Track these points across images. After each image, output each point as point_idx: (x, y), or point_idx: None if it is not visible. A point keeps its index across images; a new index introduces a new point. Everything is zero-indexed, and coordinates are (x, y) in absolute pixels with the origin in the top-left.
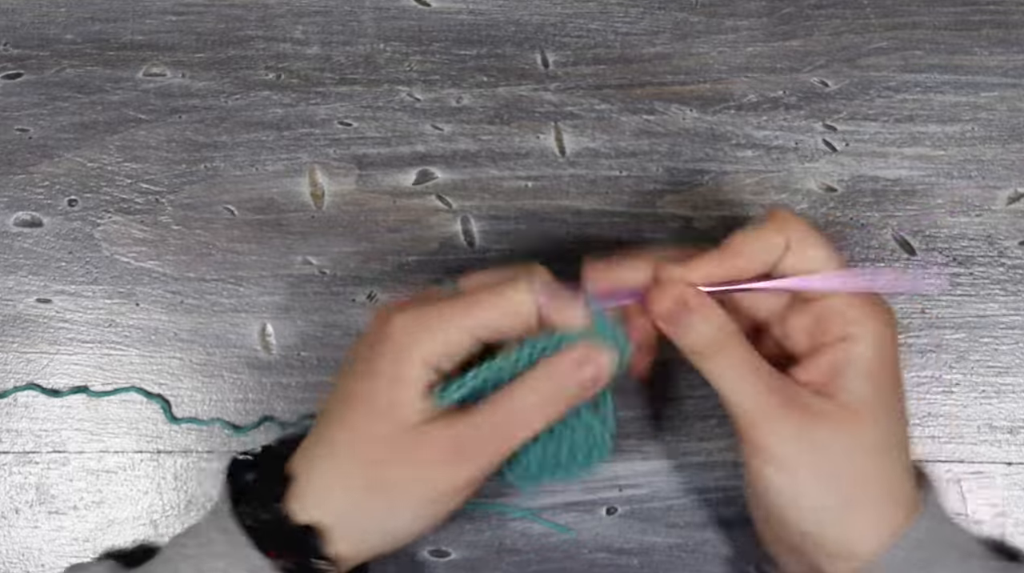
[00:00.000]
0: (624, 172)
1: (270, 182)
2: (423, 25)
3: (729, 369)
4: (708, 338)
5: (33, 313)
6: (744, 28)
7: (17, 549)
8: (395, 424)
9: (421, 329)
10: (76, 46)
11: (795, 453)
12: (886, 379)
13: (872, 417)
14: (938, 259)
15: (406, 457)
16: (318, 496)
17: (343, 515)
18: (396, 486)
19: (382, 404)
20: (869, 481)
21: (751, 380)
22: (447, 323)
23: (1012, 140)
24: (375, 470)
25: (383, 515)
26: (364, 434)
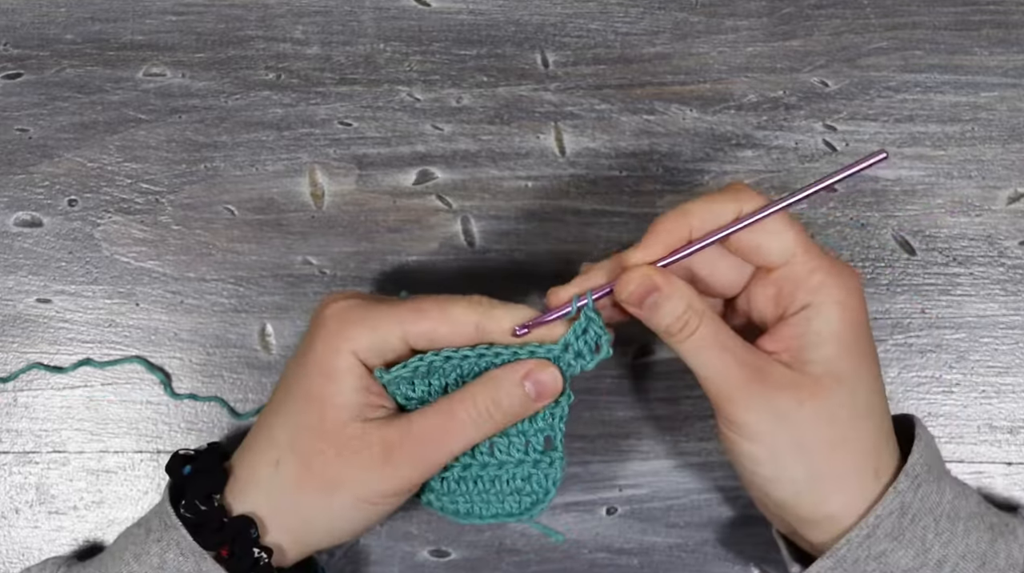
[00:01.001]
0: (624, 172)
1: (270, 182)
2: (423, 25)
3: (699, 345)
4: (677, 316)
5: (33, 313)
6: (744, 28)
7: (17, 549)
8: (328, 417)
9: (354, 321)
10: (76, 46)
11: (764, 425)
12: (852, 346)
13: (838, 386)
14: (938, 259)
15: (338, 454)
16: (256, 488)
17: (278, 505)
18: (328, 482)
19: (315, 395)
20: (840, 450)
21: (720, 355)
22: (381, 319)
23: (1012, 140)
24: (309, 464)
25: (317, 509)
26: (299, 425)
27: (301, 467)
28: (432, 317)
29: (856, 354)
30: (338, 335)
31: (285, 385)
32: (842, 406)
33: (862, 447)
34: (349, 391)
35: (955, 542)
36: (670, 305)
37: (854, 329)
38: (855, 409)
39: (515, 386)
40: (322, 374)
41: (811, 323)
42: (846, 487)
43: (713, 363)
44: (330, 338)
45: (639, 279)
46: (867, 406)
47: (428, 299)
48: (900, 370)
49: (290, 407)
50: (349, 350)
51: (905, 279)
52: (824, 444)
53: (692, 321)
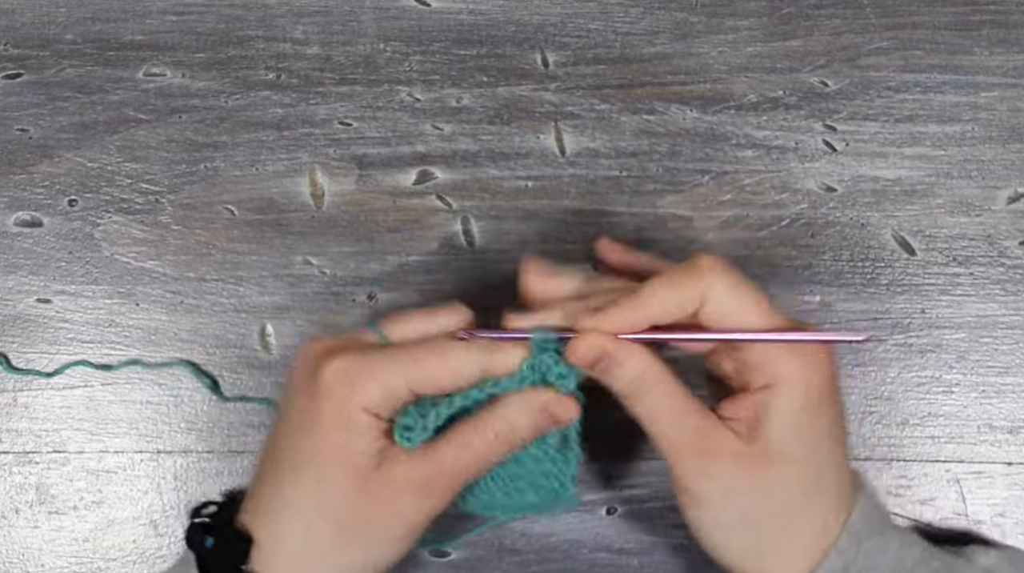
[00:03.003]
0: (624, 172)
1: (270, 182)
2: (423, 25)
3: (653, 410)
4: (630, 381)
5: (33, 313)
6: (744, 28)
7: (17, 549)
8: (353, 474)
9: (360, 378)
10: (76, 46)
11: (711, 495)
12: (809, 427)
13: (791, 465)
14: (938, 259)
15: (375, 501)
16: (289, 558)
17: (312, 568)
18: (368, 531)
19: (334, 458)
20: (788, 524)
21: (674, 422)
22: (386, 378)
23: (1012, 140)
24: (345, 521)
25: (356, 559)
26: (325, 489)
27: (336, 525)
28: (433, 365)
29: (813, 435)
30: (349, 398)
31: (291, 449)
32: (793, 484)
33: (811, 522)
34: (369, 448)
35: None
36: (621, 371)
37: (813, 410)
38: (806, 487)
39: (530, 415)
40: (340, 436)
41: (769, 403)
42: (792, 558)
43: (663, 427)
44: (342, 402)
45: (589, 346)
46: (819, 484)
47: (423, 346)
48: (900, 370)
49: (311, 474)
50: (361, 409)
51: (905, 279)
52: (772, 518)
53: (644, 386)
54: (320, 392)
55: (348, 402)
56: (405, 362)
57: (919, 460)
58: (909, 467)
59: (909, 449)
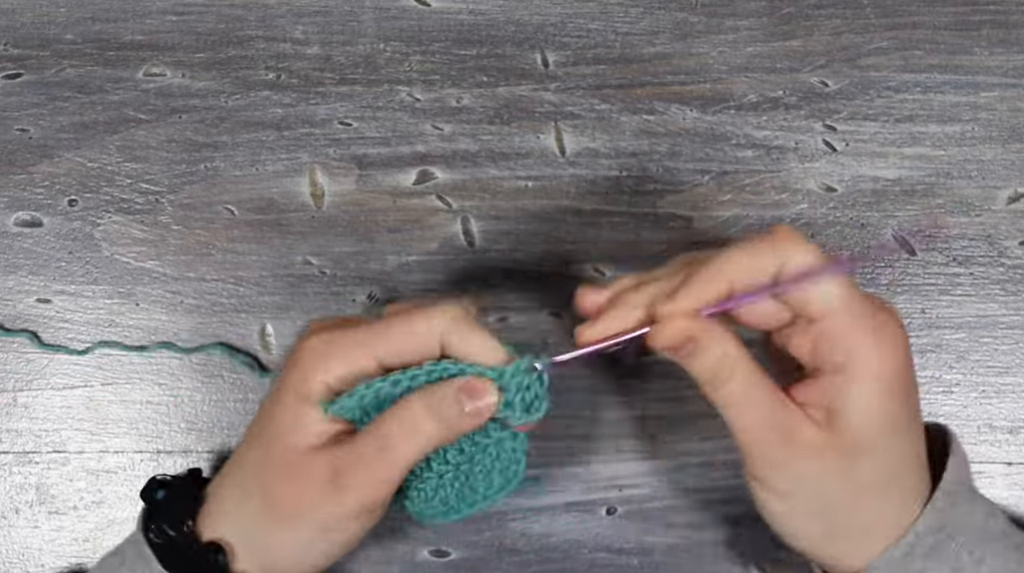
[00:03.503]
0: (624, 172)
1: (270, 182)
2: (423, 25)
3: (732, 399)
4: (713, 367)
5: (33, 313)
6: (744, 28)
7: (17, 549)
8: (291, 447)
9: (328, 352)
10: (76, 46)
11: (785, 483)
12: (883, 416)
13: (865, 455)
14: (938, 258)
15: (293, 481)
16: (223, 515)
17: (245, 534)
18: (287, 509)
19: (285, 426)
20: (864, 512)
21: (751, 412)
22: (353, 347)
23: (1012, 140)
24: (270, 492)
25: (280, 537)
26: (266, 455)
27: (263, 498)
28: (398, 335)
29: (887, 424)
30: (311, 368)
31: (258, 416)
32: (867, 474)
33: (888, 507)
34: (315, 428)
35: (988, 562)
36: (704, 356)
37: (887, 400)
38: (880, 475)
39: (455, 401)
40: (288, 406)
41: (842, 389)
42: (867, 544)
43: (742, 417)
44: (302, 372)
45: (674, 332)
46: (893, 474)
47: (398, 315)
48: None
49: (259, 439)
50: (321, 381)
51: (905, 279)
52: (844, 508)
53: (725, 372)
54: (290, 365)
55: (312, 374)
56: (370, 333)
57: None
58: None
59: None
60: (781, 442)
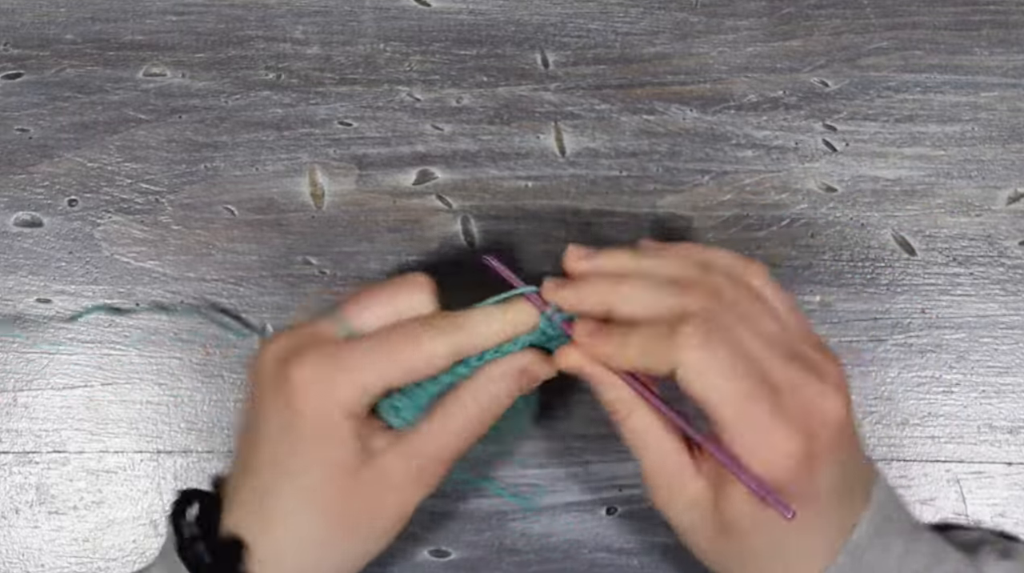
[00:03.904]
0: (624, 172)
1: (270, 182)
2: (423, 25)
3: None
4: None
5: (33, 313)
6: (744, 28)
7: (17, 549)
8: (342, 476)
9: (335, 380)
10: (76, 46)
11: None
12: (762, 517)
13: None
14: (938, 259)
15: (367, 497)
16: (282, 560)
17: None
18: (362, 526)
19: (320, 464)
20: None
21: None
22: (361, 373)
23: (1012, 140)
24: (338, 521)
25: (351, 554)
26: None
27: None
28: (407, 356)
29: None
30: (327, 403)
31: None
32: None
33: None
34: (353, 448)
35: None
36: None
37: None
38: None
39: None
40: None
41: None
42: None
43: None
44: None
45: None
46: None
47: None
48: (900, 370)
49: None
50: (340, 412)
51: (905, 279)
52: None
53: (622, 411)
54: (295, 398)
55: (327, 407)
56: (377, 358)
57: (919, 460)
58: (909, 467)
59: (909, 449)
60: (665, 489)
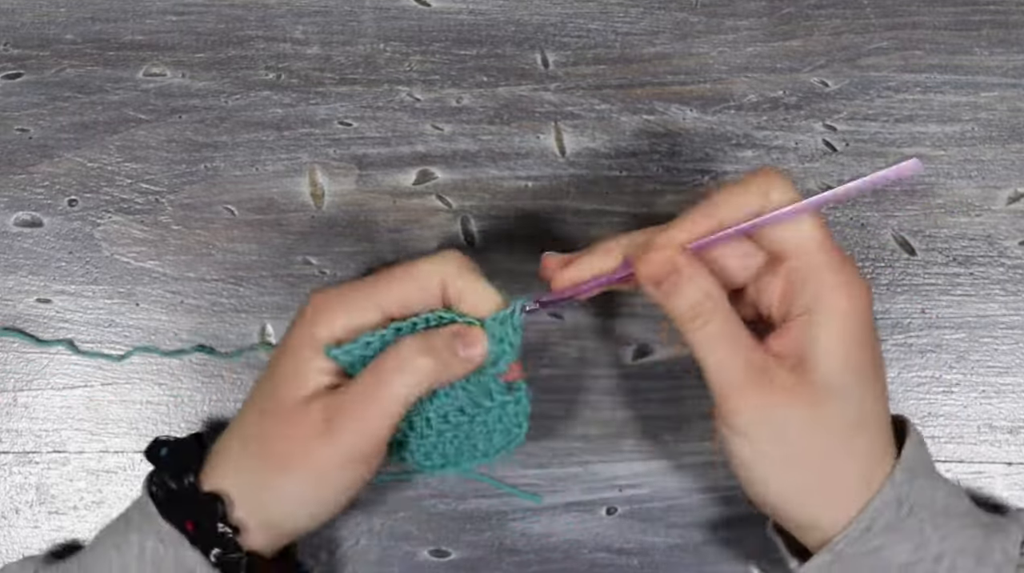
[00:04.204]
0: (624, 172)
1: (270, 182)
2: (423, 25)
3: (709, 339)
4: (694, 304)
5: (33, 313)
6: (744, 28)
7: (17, 549)
8: (289, 396)
9: (331, 303)
10: (76, 46)
11: (758, 428)
12: (850, 359)
13: (833, 398)
14: (938, 259)
15: (288, 428)
16: (225, 467)
17: (244, 485)
18: (282, 457)
19: (285, 376)
20: (833, 461)
21: (728, 352)
22: (357, 296)
23: (1012, 140)
24: (267, 441)
25: (276, 487)
26: (265, 406)
27: (261, 447)
28: (401, 282)
29: (854, 367)
30: (312, 320)
31: (264, 373)
32: (839, 418)
33: (854, 459)
34: (311, 372)
35: (952, 537)
36: (688, 290)
37: (854, 342)
38: (848, 422)
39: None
40: (290, 357)
41: (811, 331)
42: (837, 497)
43: (719, 359)
44: (304, 323)
45: (661, 260)
46: (861, 419)
47: (400, 265)
48: (900, 370)
49: (260, 393)
50: (326, 332)
51: (905, 279)
52: (815, 455)
53: (706, 312)
54: (298, 317)
55: (313, 326)
56: (374, 286)
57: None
58: None
59: None
60: (754, 384)
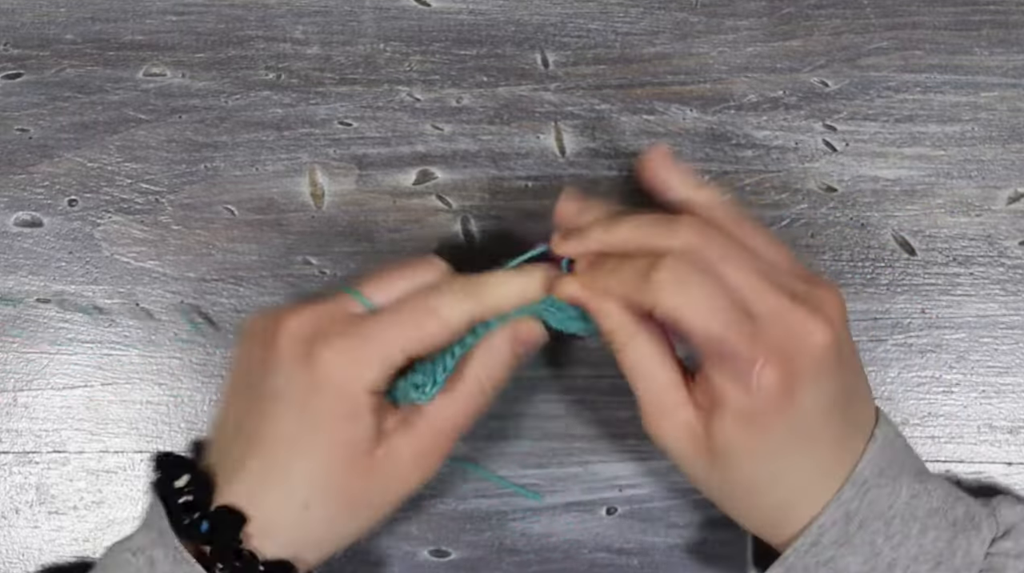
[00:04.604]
0: (624, 172)
1: (270, 182)
2: (423, 25)
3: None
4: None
5: (33, 313)
6: (744, 28)
7: (17, 549)
8: (358, 455)
9: (362, 359)
10: (76, 46)
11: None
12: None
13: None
14: (938, 258)
15: (379, 476)
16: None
17: (314, 543)
18: (372, 504)
19: (338, 443)
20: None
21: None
22: (384, 346)
23: (1012, 140)
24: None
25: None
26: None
27: (338, 507)
28: (427, 326)
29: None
30: (354, 383)
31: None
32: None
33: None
34: (370, 428)
35: (907, 544)
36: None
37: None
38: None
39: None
40: (343, 423)
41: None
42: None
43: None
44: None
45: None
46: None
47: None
48: (900, 370)
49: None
50: (363, 389)
51: (905, 279)
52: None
53: (621, 338)
54: (319, 376)
55: (351, 384)
56: (398, 328)
57: None
58: None
59: None
60: (659, 417)
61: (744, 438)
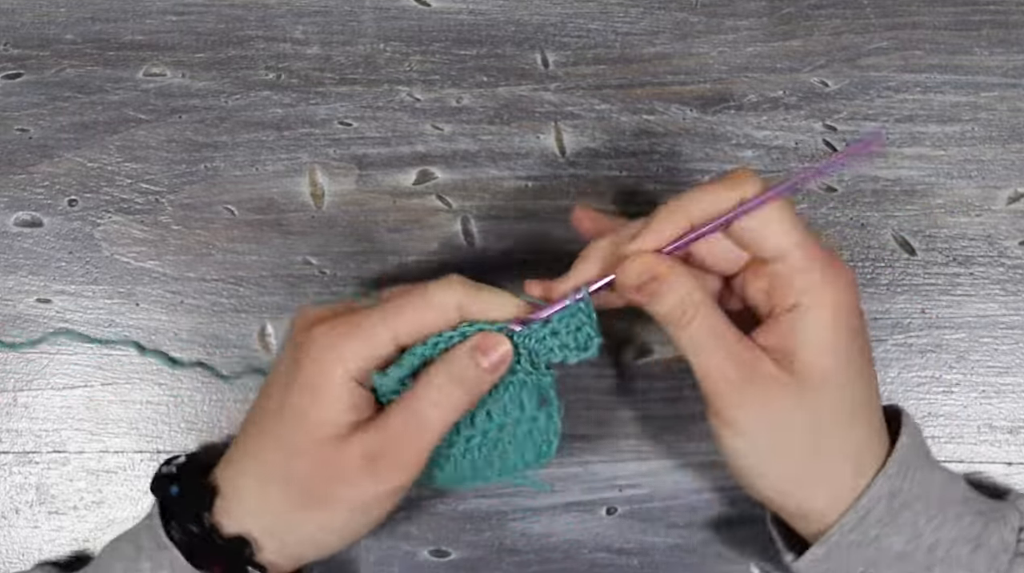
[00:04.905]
0: (624, 172)
1: (270, 182)
2: (423, 25)
3: (696, 337)
4: (676, 305)
5: (33, 313)
6: (744, 28)
7: (17, 549)
8: (319, 438)
9: (344, 341)
10: (76, 46)
11: (750, 421)
12: (838, 349)
13: (822, 389)
14: (938, 258)
15: (328, 471)
16: (246, 509)
17: (270, 525)
18: (322, 500)
19: (303, 417)
20: (824, 451)
21: (715, 349)
22: (369, 331)
23: (1012, 140)
24: (299, 481)
25: (311, 527)
26: (291, 448)
27: (291, 487)
28: (415, 308)
29: (842, 358)
30: (329, 353)
31: (270, 404)
32: (825, 409)
33: (846, 449)
34: (339, 410)
35: (947, 527)
36: (670, 293)
37: (841, 332)
38: (838, 412)
39: (470, 359)
40: (312, 395)
41: (798, 324)
42: (830, 487)
43: (705, 356)
44: (320, 357)
45: (640, 267)
46: (851, 409)
47: (407, 292)
48: (900, 370)
49: (279, 429)
50: (341, 368)
51: (905, 279)
52: (806, 446)
53: (689, 311)
54: (301, 355)
55: (331, 366)
56: (388, 314)
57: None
58: None
59: None
60: (743, 379)
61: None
